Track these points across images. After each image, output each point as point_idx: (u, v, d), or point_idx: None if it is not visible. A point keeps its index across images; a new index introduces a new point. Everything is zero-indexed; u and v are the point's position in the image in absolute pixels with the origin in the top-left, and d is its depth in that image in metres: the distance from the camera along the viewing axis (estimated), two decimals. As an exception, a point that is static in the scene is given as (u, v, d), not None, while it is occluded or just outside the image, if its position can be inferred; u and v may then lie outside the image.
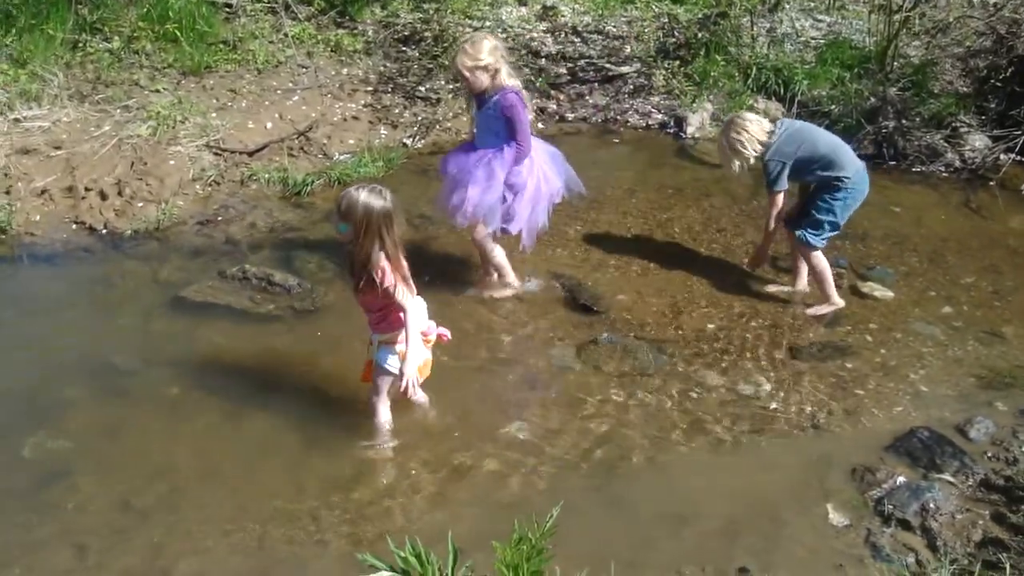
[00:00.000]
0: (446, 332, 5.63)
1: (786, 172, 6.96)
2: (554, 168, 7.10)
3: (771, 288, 7.48)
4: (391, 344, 5.38)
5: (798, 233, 7.12)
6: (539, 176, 6.94)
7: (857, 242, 8.22)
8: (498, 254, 7.12)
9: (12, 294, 7.35)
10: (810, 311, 7.24)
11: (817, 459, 5.74)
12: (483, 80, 6.61)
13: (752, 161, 7.02)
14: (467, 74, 6.60)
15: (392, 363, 5.39)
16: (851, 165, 6.96)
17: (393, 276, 5.18)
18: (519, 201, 6.88)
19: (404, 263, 5.32)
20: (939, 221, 8.82)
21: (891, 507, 5.24)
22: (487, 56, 6.55)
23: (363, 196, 5.13)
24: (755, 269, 7.65)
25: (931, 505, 5.20)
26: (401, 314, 5.26)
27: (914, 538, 5.08)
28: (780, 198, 7.10)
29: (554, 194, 7.10)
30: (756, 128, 6.94)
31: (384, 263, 5.17)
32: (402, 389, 5.29)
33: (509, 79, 6.68)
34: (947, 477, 5.49)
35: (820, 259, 7.15)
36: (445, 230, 7.71)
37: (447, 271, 7.35)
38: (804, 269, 7.37)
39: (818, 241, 7.07)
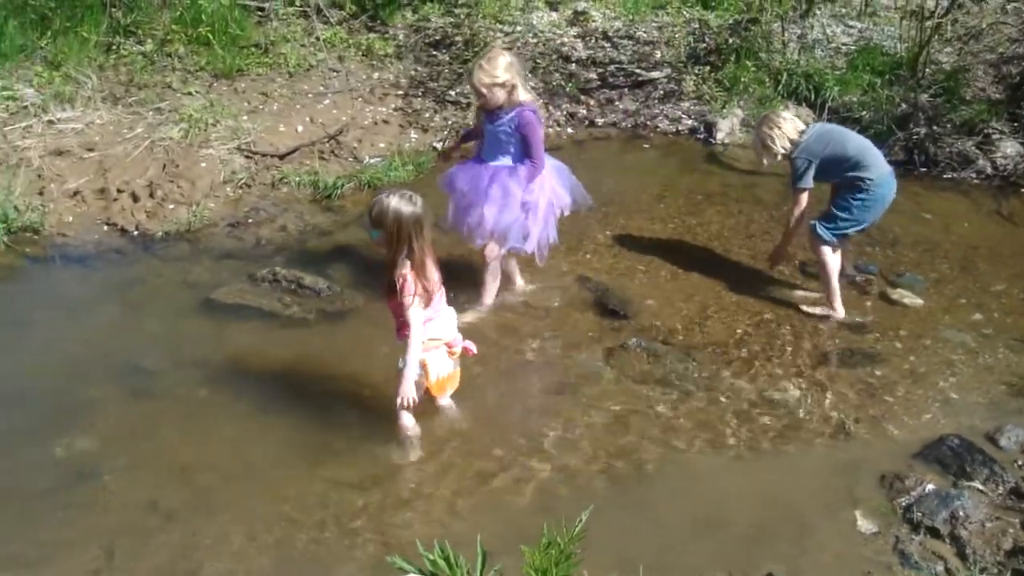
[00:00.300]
0: (472, 346, 5.63)
1: (811, 171, 6.96)
2: (561, 182, 7.04)
3: (798, 294, 7.46)
4: None
5: (811, 222, 7.13)
6: (550, 192, 6.89)
7: (887, 248, 8.19)
8: (499, 275, 7.10)
9: (44, 294, 7.42)
10: (805, 306, 7.27)
11: (845, 466, 5.71)
12: (500, 96, 6.53)
13: (779, 158, 7.06)
14: (484, 91, 6.52)
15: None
16: (877, 169, 6.94)
17: (414, 286, 5.19)
18: (533, 219, 6.82)
19: (433, 271, 5.33)
20: (970, 228, 8.76)
21: (920, 515, 5.21)
22: (503, 73, 6.47)
23: (394, 202, 5.15)
24: (775, 267, 7.65)
25: (960, 513, 5.17)
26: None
27: (943, 546, 5.06)
28: (804, 197, 7.09)
29: (564, 208, 7.07)
30: (789, 126, 6.99)
31: (407, 272, 5.18)
32: (399, 403, 5.36)
33: (525, 95, 6.64)
34: (977, 485, 5.46)
35: (828, 256, 7.12)
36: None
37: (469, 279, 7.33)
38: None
39: (827, 234, 7.05)
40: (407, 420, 5.68)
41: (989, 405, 6.30)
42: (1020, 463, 5.70)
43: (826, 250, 7.10)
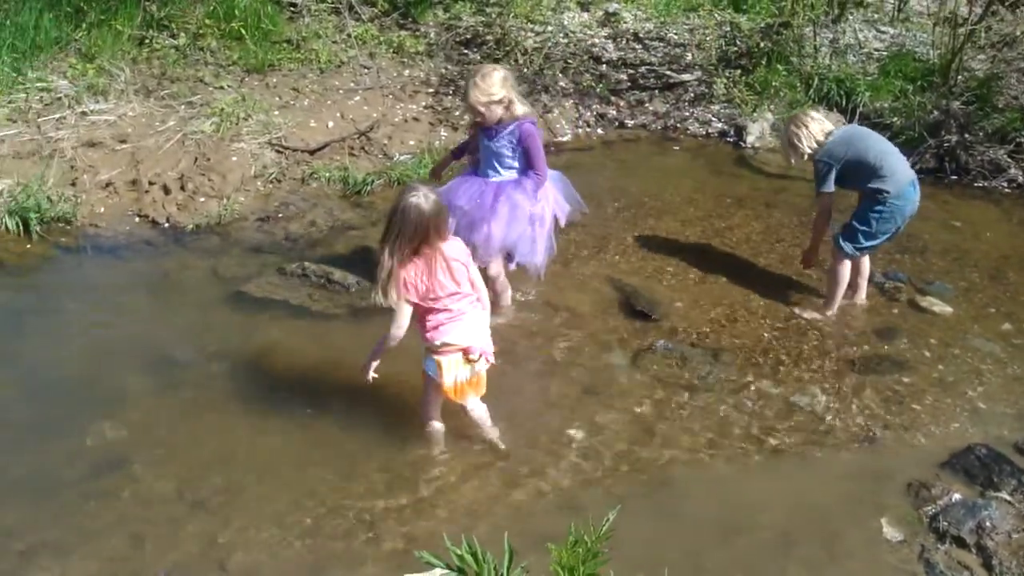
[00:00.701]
0: (489, 354, 5.50)
1: (832, 175, 6.93)
2: (560, 191, 7.00)
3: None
4: (430, 352, 5.40)
5: (834, 234, 7.13)
6: (553, 203, 6.87)
7: (916, 256, 8.16)
8: (508, 285, 7.06)
9: (76, 284, 7.48)
10: (801, 311, 7.29)
11: (872, 473, 5.70)
12: (497, 113, 6.44)
13: (806, 158, 7.06)
14: (482, 109, 6.42)
15: (431, 368, 5.41)
16: (895, 179, 6.86)
17: (411, 287, 5.21)
18: (540, 232, 6.76)
19: (443, 274, 5.24)
20: (1000, 237, 8.72)
21: (946, 524, 5.19)
22: (499, 89, 6.38)
23: (407, 196, 5.14)
24: (807, 268, 7.62)
25: (987, 523, 5.14)
26: (427, 322, 5.32)
27: (969, 556, 5.04)
28: (827, 200, 7.09)
29: (563, 217, 7.03)
30: (816, 127, 6.98)
31: (395, 268, 5.18)
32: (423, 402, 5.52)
33: (522, 108, 6.56)
34: (1004, 496, 5.43)
35: (843, 269, 7.13)
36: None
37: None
38: (863, 283, 7.34)
39: (847, 247, 7.04)
40: (430, 417, 5.70)
41: (1017, 415, 6.26)
42: (1048, 474, 5.68)
43: (843, 263, 7.12)
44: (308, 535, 5.09)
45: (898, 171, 6.91)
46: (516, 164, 6.62)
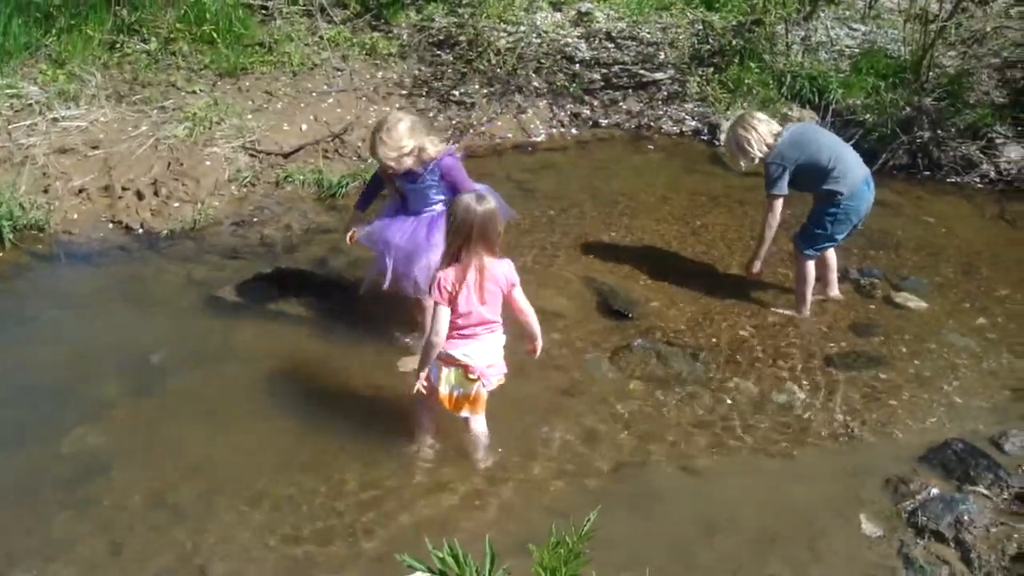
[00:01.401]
0: (491, 379, 5.38)
1: (786, 177, 6.93)
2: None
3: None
4: (437, 356, 5.34)
5: (794, 236, 7.21)
6: None
7: (891, 252, 8.20)
8: None
9: (50, 292, 7.43)
10: (775, 308, 7.34)
11: (850, 469, 5.72)
12: (409, 163, 6.15)
13: (756, 161, 7.04)
14: (393, 164, 6.16)
15: (433, 372, 5.36)
16: (849, 180, 6.86)
17: (441, 289, 5.14)
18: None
19: (481, 290, 5.17)
20: (973, 232, 8.77)
21: (925, 519, 5.22)
22: (407, 140, 6.08)
23: (466, 199, 5.15)
24: (752, 277, 7.52)
25: (965, 518, 5.17)
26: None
27: (948, 550, 5.06)
28: (778, 204, 7.06)
29: None
30: (765, 129, 6.95)
31: (441, 270, 5.20)
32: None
33: (435, 148, 6.23)
34: (981, 490, 5.46)
35: (807, 268, 7.16)
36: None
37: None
38: (833, 276, 7.38)
39: (807, 250, 7.09)
40: (423, 421, 5.71)
41: (993, 410, 6.30)
42: (1024, 468, 5.72)
43: (807, 264, 7.15)
44: (288, 541, 5.07)
45: (852, 171, 6.92)
46: (443, 196, 6.36)
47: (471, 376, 5.28)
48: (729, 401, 6.29)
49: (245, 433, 5.90)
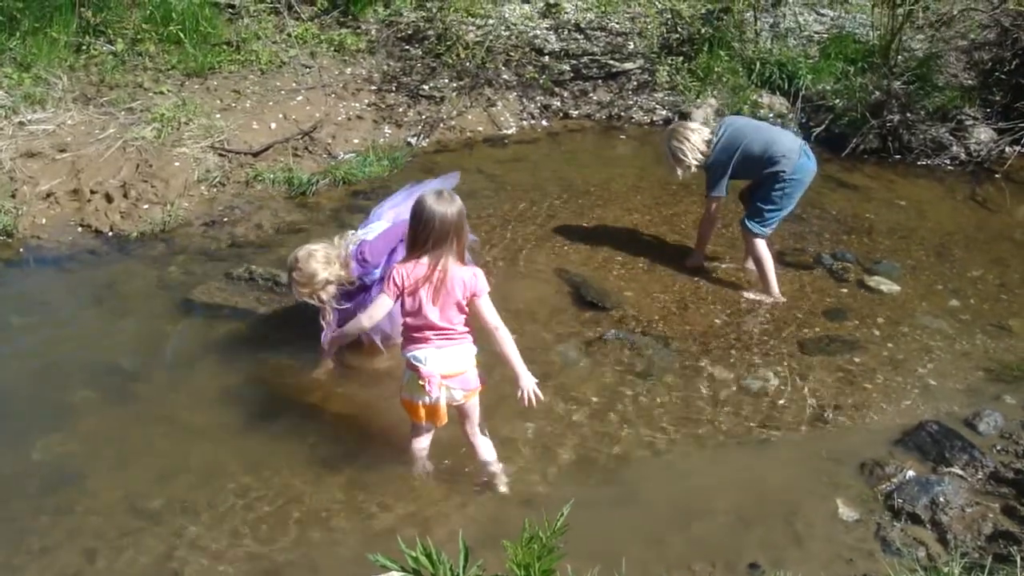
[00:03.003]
0: (436, 389, 5.04)
1: (724, 180, 7.23)
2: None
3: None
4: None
5: (742, 221, 7.33)
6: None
7: (863, 236, 8.22)
8: None
9: (19, 297, 7.35)
10: (747, 293, 7.40)
11: (826, 454, 5.73)
12: (332, 290, 5.94)
13: (693, 169, 7.28)
14: (314, 301, 5.94)
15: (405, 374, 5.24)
16: (787, 160, 7.05)
17: (391, 281, 5.04)
18: None
19: (440, 296, 4.99)
20: (945, 214, 8.81)
21: (901, 501, 5.23)
22: (323, 273, 5.87)
23: (429, 199, 4.98)
24: (693, 267, 7.72)
25: (941, 499, 5.19)
26: (403, 328, 5.17)
27: (924, 532, 5.08)
28: (716, 205, 7.42)
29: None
30: (697, 138, 7.22)
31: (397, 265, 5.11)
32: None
33: (343, 271, 5.96)
34: (957, 471, 5.48)
35: (762, 248, 7.28)
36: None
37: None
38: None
39: (758, 228, 7.23)
40: (415, 436, 5.54)
41: (967, 391, 6.34)
42: (999, 448, 5.75)
43: (760, 243, 7.26)
44: (263, 542, 5.04)
45: (787, 151, 7.08)
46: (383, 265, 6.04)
47: (420, 382, 5.02)
48: (703, 389, 6.29)
49: (217, 436, 5.86)
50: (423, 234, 4.91)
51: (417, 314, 4.99)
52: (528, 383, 5.17)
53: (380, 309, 5.11)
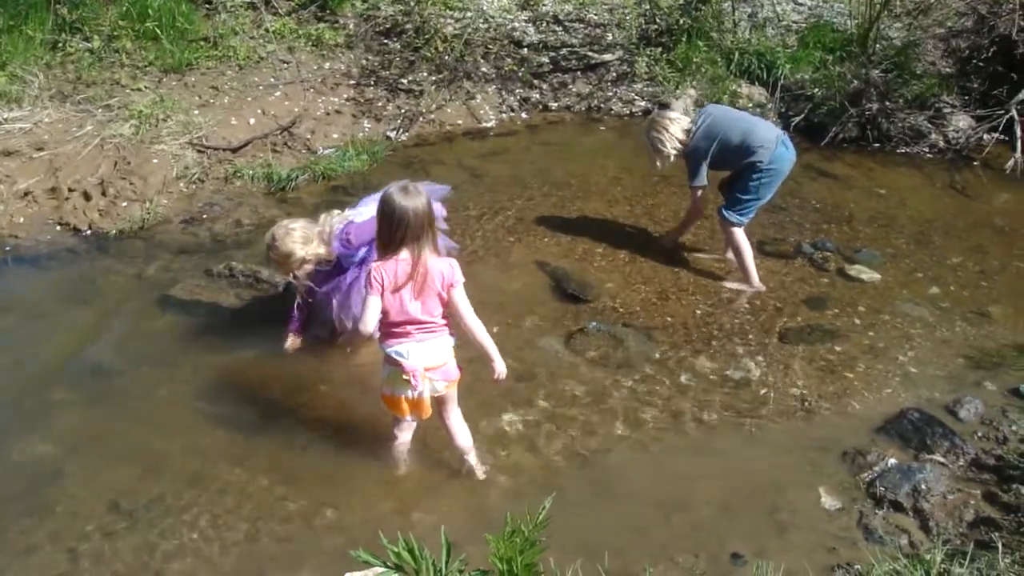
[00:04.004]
0: (420, 382, 5.04)
1: (703, 168, 7.25)
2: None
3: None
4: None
5: (720, 211, 7.36)
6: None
7: (843, 225, 8.25)
8: None
9: (-3, 297, 7.32)
10: (728, 283, 7.43)
11: (808, 443, 5.75)
12: (310, 268, 6.01)
13: (672, 159, 7.31)
14: (294, 280, 6.07)
15: (384, 370, 5.23)
16: (765, 150, 7.07)
17: (373, 280, 5.02)
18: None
19: (419, 288, 4.97)
20: (924, 202, 8.84)
21: (883, 489, 5.25)
22: (299, 251, 5.92)
23: (394, 192, 4.93)
24: (661, 248, 7.87)
25: (923, 486, 5.21)
26: (381, 322, 5.11)
27: (906, 519, 5.10)
28: (698, 194, 7.44)
29: None
30: (676, 128, 7.25)
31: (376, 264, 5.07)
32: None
33: (324, 247, 6.00)
34: (938, 458, 5.50)
35: (740, 237, 7.31)
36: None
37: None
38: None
39: (735, 217, 7.26)
40: (398, 430, 5.52)
41: (948, 378, 6.36)
42: (979, 434, 5.76)
43: (738, 232, 7.29)
44: (246, 540, 5.03)
45: (765, 140, 7.09)
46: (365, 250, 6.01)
47: (404, 377, 5.03)
48: (685, 379, 6.29)
49: (198, 434, 5.83)
50: (397, 231, 4.86)
51: (399, 309, 4.96)
52: (502, 367, 5.18)
53: (372, 312, 4.99)
